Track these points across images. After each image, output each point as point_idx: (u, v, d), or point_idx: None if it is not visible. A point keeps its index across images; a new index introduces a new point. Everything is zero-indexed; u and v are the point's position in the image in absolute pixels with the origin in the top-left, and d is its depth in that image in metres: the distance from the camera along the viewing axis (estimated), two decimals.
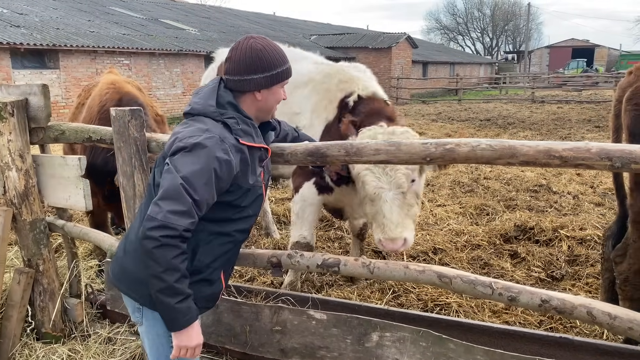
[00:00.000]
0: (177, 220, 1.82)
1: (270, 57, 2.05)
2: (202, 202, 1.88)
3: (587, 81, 33.39)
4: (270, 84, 2.07)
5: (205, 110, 2.02)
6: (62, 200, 3.15)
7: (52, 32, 17.30)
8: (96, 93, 4.13)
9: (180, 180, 1.84)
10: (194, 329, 1.93)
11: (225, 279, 2.22)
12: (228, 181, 1.97)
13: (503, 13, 73.89)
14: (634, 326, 2.01)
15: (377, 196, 2.90)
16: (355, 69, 3.72)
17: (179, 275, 1.85)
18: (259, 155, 2.13)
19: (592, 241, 4.80)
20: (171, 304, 1.85)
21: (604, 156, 1.89)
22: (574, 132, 13.42)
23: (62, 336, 3.37)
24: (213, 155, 1.88)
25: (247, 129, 2.05)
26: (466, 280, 2.27)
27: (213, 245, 2.05)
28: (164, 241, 1.81)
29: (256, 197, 2.14)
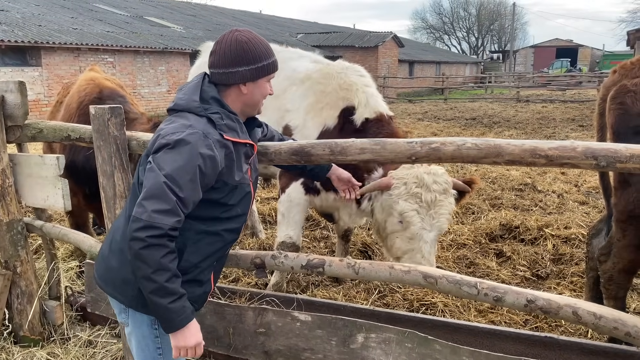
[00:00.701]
0: (162, 219, 1.78)
1: (255, 50, 2.01)
2: (187, 200, 1.84)
3: (571, 81, 33.73)
4: (256, 76, 2.02)
5: (189, 105, 1.97)
6: (40, 200, 3.08)
7: (34, 28, 17.01)
8: (74, 90, 4.04)
9: (164, 179, 1.80)
10: (191, 328, 1.88)
11: (215, 280, 2.18)
12: (213, 177, 1.92)
13: (488, 13, 74.41)
14: (619, 326, 2.00)
15: (419, 236, 2.95)
16: (355, 72, 3.65)
17: (170, 275, 1.81)
18: (244, 152, 2.08)
19: (577, 240, 4.83)
20: (164, 304, 1.81)
21: (589, 155, 1.88)
22: (558, 131, 13.55)
23: (41, 339, 3.29)
24: (196, 151, 1.84)
25: (231, 124, 2.00)
26: (451, 280, 2.24)
27: (201, 244, 2.01)
28: (151, 241, 1.77)
29: (244, 195, 2.09)
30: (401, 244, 3.02)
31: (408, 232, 2.98)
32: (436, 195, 2.98)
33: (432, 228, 2.98)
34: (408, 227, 2.98)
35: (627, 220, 2.86)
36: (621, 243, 2.95)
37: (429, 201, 2.96)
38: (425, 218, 2.96)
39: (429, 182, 2.98)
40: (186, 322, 1.86)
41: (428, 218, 2.96)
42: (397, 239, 3.03)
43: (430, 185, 2.98)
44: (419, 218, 2.95)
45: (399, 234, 3.03)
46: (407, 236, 2.99)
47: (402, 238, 3.01)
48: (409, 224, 2.97)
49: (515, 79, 34.47)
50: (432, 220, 2.97)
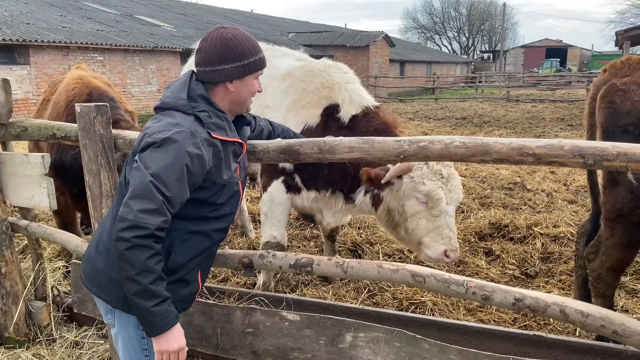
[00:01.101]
0: (148, 219, 1.75)
1: (241, 47, 1.99)
2: (173, 199, 1.82)
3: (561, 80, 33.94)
4: (242, 74, 2.00)
5: (176, 104, 1.95)
6: (25, 199, 3.04)
7: (23, 27, 16.84)
8: (62, 88, 3.99)
9: (150, 177, 1.78)
10: (174, 332, 1.85)
11: (202, 280, 2.16)
12: (201, 176, 1.90)
13: (479, 13, 74.75)
14: (606, 324, 2.00)
15: (444, 212, 3.01)
16: (337, 70, 3.63)
17: (154, 277, 1.78)
18: (233, 150, 2.06)
19: (565, 238, 4.85)
20: (147, 307, 1.78)
21: (576, 153, 1.88)
22: (547, 131, 13.63)
23: (27, 341, 3.25)
24: (183, 149, 1.82)
25: (219, 123, 1.98)
26: (440, 279, 2.24)
27: (189, 244, 1.99)
28: (136, 242, 1.74)
29: (232, 194, 2.07)
30: (426, 224, 3.03)
31: (435, 209, 3.01)
32: (449, 168, 3.06)
33: (451, 201, 3.06)
34: (436, 205, 3.01)
35: (615, 218, 2.88)
36: (609, 241, 2.96)
37: (446, 176, 3.02)
38: (447, 194, 3.02)
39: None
40: (169, 327, 1.83)
41: (448, 192, 3.03)
42: (422, 219, 3.05)
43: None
44: (444, 194, 3.01)
45: (422, 214, 3.05)
46: (433, 214, 3.02)
47: (427, 217, 3.03)
48: (437, 202, 3.00)
49: (505, 78, 34.66)
50: (451, 194, 3.04)
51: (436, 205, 3.00)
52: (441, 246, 3.00)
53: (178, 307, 2.05)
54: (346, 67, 3.70)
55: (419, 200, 3.03)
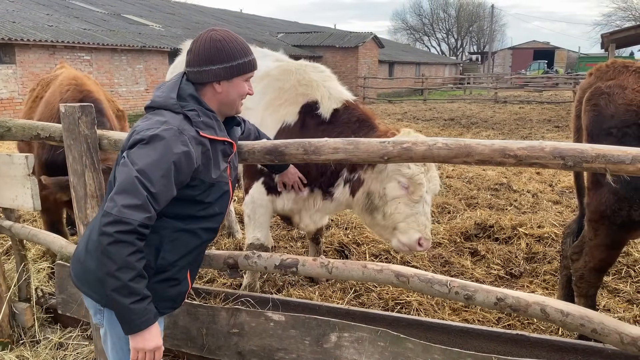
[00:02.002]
0: (131, 214, 1.76)
1: (229, 48, 2.01)
2: (158, 195, 1.82)
3: (548, 82, 34.26)
4: (230, 75, 2.02)
5: (166, 103, 1.98)
6: (8, 200, 3.01)
7: (8, 25, 16.65)
8: (56, 89, 3.95)
9: (135, 173, 1.79)
10: (151, 331, 1.85)
11: (192, 279, 2.17)
12: (188, 174, 1.91)
13: (468, 14, 75.25)
14: (586, 323, 2.04)
15: (423, 199, 3.05)
16: (314, 69, 3.64)
17: (134, 274, 1.79)
18: (222, 149, 2.08)
19: (550, 239, 4.90)
20: (126, 304, 1.78)
21: (557, 155, 1.91)
22: (534, 132, 13.75)
23: (10, 342, 3.22)
24: (171, 147, 1.83)
25: (208, 122, 2.00)
26: (423, 279, 2.27)
27: (178, 243, 2.00)
28: (118, 237, 1.75)
29: (222, 193, 2.09)
30: (405, 209, 3.05)
31: (416, 194, 3.03)
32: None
33: (430, 191, 3.09)
34: (417, 190, 3.03)
35: (599, 220, 2.91)
36: (593, 242, 3.00)
37: (428, 165, 3.06)
38: (426, 183, 3.06)
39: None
40: (146, 325, 1.83)
41: (427, 182, 3.06)
42: (401, 203, 3.06)
43: None
44: (425, 180, 3.03)
45: (402, 199, 3.06)
46: (413, 199, 3.04)
47: (406, 202, 3.05)
48: (418, 187, 3.02)
49: (493, 80, 34.91)
50: (429, 184, 3.07)
51: (417, 190, 3.02)
52: (416, 233, 3.02)
53: (167, 306, 2.07)
54: (323, 67, 3.71)
55: (401, 184, 3.04)
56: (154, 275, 1.96)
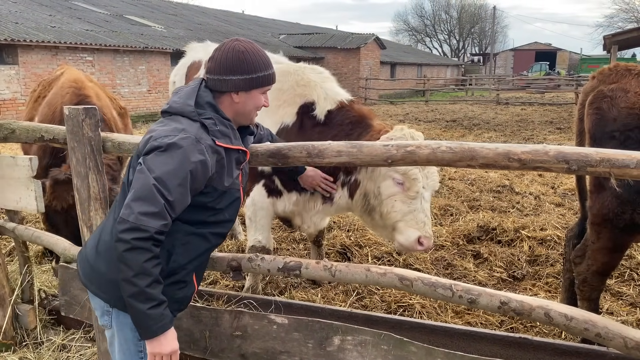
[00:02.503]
0: (148, 222, 1.77)
1: (251, 61, 2.02)
2: (175, 204, 1.84)
3: (550, 84, 34.24)
4: (249, 87, 2.03)
5: (183, 109, 1.98)
6: (12, 202, 3.02)
7: (11, 26, 16.68)
8: (58, 91, 4.02)
9: (153, 181, 1.80)
10: (167, 336, 1.87)
11: (198, 281, 2.18)
12: (203, 182, 1.93)
13: (469, 16, 75.21)
14: (589, 327, 2.04)
15: (420, 195, 2.94)
16: (312, 70, 3.63)
17: (151, 280, 1.80)
18: (236, 158, 2.09)
19: (552, 241, 4.90)
20: (143, 309, 1.80)
21: (561, 159, 1.91)
22: (536, 134, 13.73)
23: (13, 344, 3.23)
24: (188, 156, 1.84)
25: (225, 131, 2.01)
26: (427, 282, 2.26)
27: (189, 246, 2.02)
28: (135, 244, 1.77)
29: (233, 200, 2.10)
30: (402, 206, 2.97)
31: (412, 191, 2.94)
32: None
33: (427, 187, 2.99)
34: (412, 186, 2.94)
35: (601, 223, 2.91)
36: (595, 246, 3.00)
37: None
38: (423, 179, 2.95)
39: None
40: (163, 330, 1.85)
41: (424, 177, 2.96)
42: (397, 201, 2.97)
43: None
44: (421, 176, 2.94)
45: (398, 197, 2.97)
46: (410, 196, 2.95)
47: (402, 200, 2.96)
48: (414, 182, 2.93)
49: (495, 81, 34.88)
50: (427, 180, 2.97)
51: (413, 185, 2.94)
52: (415, 232, 2.92)
53: (174, 309, 2.08)
54: (322, 69, 3.69)
55: (395, 181, 2.97)
56: (165, 278, 1.97)
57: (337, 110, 3.34)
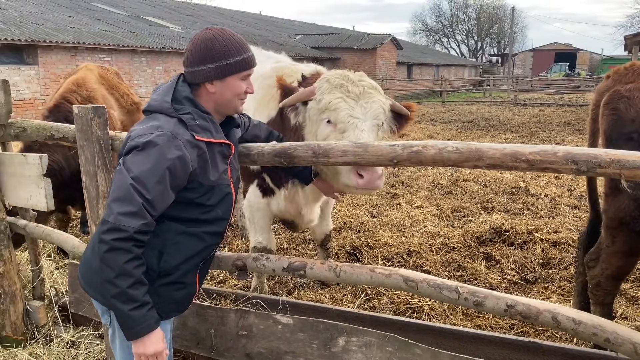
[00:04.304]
0: (127, 221, 1.77)
1: (220, 47, 1.97)
2: (154, 202, 1.82)
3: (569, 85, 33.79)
4: (222, 75, 1.99)
5: (161, 106, 1.96)
6: (23, 199, 3.05)
7: (31, 27, 16.97)
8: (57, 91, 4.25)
9: (130, 181, 1.79)
10: (151, 337, 1.86)
11: (200, 283, 2.17)
12: (184, 178, 1.90)
13: (488, 16, 74.58)
14: (598, 332, 1.99)
15: (352, 125, 2.57)
16: (308, 66, 3.56)
17: (133, 281, 1.80)
18: (220, 151, 2.05)
19: (566, 244, 4.81)
20: (125, 310, 1.80)
21: (569, 160, 1.86)
22: (554, 135, 13.54)
23: (24, 340, 3.27)
24: (164, 153, 1.83)
25: (204, 124, 1.98)
26: (432, 284, 2.23)
27: (181, 246, 1.99)
28: (115, 245, 1.76)
29: (223, 196, 2.06)
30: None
31: (340, 123, 2.60)
32: (364, 88, 2.68)
33: (365, 117, 2.61)
34: (338, 119, 2.60)
35: (617, 227, 2.84)
36: (610, 249, 2.94)
37: (357, 93, 2.65)
38: (355, 107, 2.61)
39: (354, 78, 2.72)
40: (146, 332, 1.84)
41: (359, 108, 2.61)
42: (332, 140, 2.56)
43: (356, 80, 2.71)
44: (347, 105, 2.61)
45: (331, 137, 2.61)
46: (340, 130, 2.60)
47: (335, 138, 2.57)
48: (336, 113, 2.61)
49: (513, 82, 34.51)
50: (364, 110, 2.62)
51: (337, 117, 2.61)
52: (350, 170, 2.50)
53: (173, 309, 2.08)
54: (321, 67, 3.53)
55: (325, 121, 2.68)
56: (158, 278, 1.96)
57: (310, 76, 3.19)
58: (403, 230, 5.39)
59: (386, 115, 2.76)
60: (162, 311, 2.01)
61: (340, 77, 2.74)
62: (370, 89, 2.73)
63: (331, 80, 2.72)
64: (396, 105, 2.89)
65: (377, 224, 5.57)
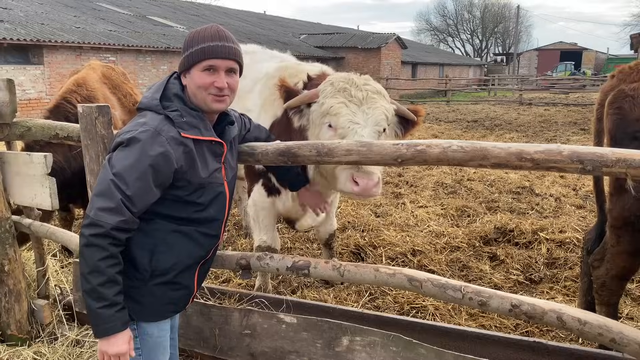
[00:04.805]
0: (105, 217, 1.76)
1: (189, 38, 1.95)
2: (135, 198, 1.80)
3: (575, 84, 33.62)
4: (187, 65, 1.95)
5: (150, 104, 1.96)
6: (28, 198, 3.06)
7: (37, 27, 17.04)
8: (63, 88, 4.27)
9: (111, 176, 1.79)
10: (117, 337, 1.83)
11: (199, 283, 2.15)
12: (168, 175, 1.87)
13: (493, 15, 74.34)
14: (604, 332, 1.98)
15: (352, 131, 2.56)
16: (312, 65, 3.56)
17: (104, 280, 1.77)
18: (210, 149, 2.01)
19: (571, 244, 4.79)
20: (93, 307, 1.79)
21: (575, 159, 1.86)
22: (559, 135, 13.48)
23: (29, 338, 3.27)
24: (146, 149, 1.81)
25: (193, 122, 1.94)
26: (436, 284, 2.22)
27: (173, 246, 1.97)
28: (91, 240, 1.76)
29: (216, 195, 2.02)
30: None
31: (340, 128, 2.58)
32: (368, 92, 2.66)
33: (366, 123, 2.59)
34: (338, 124, 2.59)
35: (622, 226, 2.83)
36: (615, 249, 2.92)
37: (360, 98, 2.62)
38: (357, 113, 2.59)
39: (358, 82, 2.70)
40: (112, 332, 1.82)
41: (361, 114, 2.59)
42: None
43: (360, 84, 2.69)
44: (348, 110, 2.59)
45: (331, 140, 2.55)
46: (339, 134, 2.59)
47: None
48: (336, 118, 2.59)
49: (518, 81, 34.38)
50: (366, 116, 2.60)
51: (338, 122, 2.60)
52: (346, 172, 2.51)
53: (169, 310, 2.06)
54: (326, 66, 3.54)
55: (326, 125, 2.67)
56: (151, 278, 1.95)
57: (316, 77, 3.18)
58: (407, 229, 5.38)
59: (389, 120, 2.75)
60: (158, 311, 2.01)
61: (345, 81, 2.72)
62: (374, 93, 2.70)
63: (335, 84, 2.71)
64: (402, 110, 2.88)
65: (382, 224, 5.56)
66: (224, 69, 1.94)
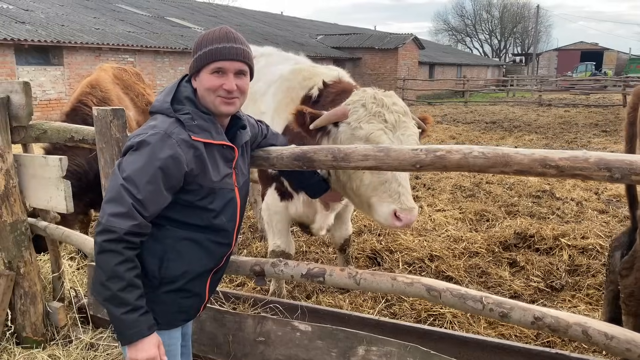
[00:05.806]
0: (117, 222, 1.73)
1: (198, 41, 1.93)
2: (146, 202, 1.77)
3: (596, 85, 33.08)
4: (196, 68, 1.92)
5: (161, 107, 1.93)
6: (43, 201, 3.06)
7: (57, 28, 17.28)
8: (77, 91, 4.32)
9: (122, 181, 1.76)
10: (144, 343, 1.80)
11: (211, 291, 2.11)
12: (179, 178, 1.83)
13: (512, 15, 73.56)
14: (632, 347, 1.89)
15: None
16: (327, 68, 3.52)
17: (124, 284, 1.75)
18: (221, 153, 1.97)
19: (594, 250, 4.66)
20: (116, 314, 1.76)
21: (602, 166, 1.78)
22: (580, 137, 13.24)
23: (44, 341, 3.27)
24: (156, 152, 1.78)
25: (204, 125, 1.91)
26: (456, 294, 2.15)
27: (183, 254, 1.93)
28: (105, 246, 1.73)
29: (227, 201, 1.98)
30: (371, 178, 2.59)
31: None
32: (399, 115, 2.67)
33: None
34: None
35: None
36: None
37: (393, 122, 2.63)
38: (393, 141, 2.59)
39: (388, 103, 2.68)
40: (138, 337, 1.78)
41: (397, 140, 2.60)
42: (365, 173, 2.59)
43: (390, 106, 2.68)
44: (387, 137, 2.59)
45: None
46: None
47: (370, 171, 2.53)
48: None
49: (537, 82, 33.93)
50: (401, 143, 2.60)
51: None
52: (389, 206, 2.54)
53: (180, 319, 2.03)
54: (339, 68, 3.50)
55: None
56: (161, 285, 1.92)
57: (332, 83, 3.16)
58: (425, 234, 5.29)
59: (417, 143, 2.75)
60: (169, 319, 1.98)
61: (376, 103, 2.68)
62: (403, 115, 2.71)
63: (367, 106, 2.67)
64: (416, 122, 2.89)
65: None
66: (232, 71, 1.91)
